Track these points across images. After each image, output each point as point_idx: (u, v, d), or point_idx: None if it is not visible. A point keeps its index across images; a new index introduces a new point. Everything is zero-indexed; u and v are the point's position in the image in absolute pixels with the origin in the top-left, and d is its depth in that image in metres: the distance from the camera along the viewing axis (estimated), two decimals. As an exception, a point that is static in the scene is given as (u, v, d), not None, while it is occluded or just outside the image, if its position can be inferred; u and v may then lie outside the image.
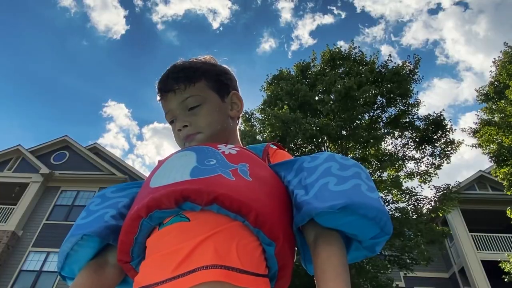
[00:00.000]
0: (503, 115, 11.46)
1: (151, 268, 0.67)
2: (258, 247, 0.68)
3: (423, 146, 11.70)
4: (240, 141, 1.02)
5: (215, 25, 41.25)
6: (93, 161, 16.08)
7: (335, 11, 35.55)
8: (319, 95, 11.80)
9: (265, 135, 10.96)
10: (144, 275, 0.67)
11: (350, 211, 0.66)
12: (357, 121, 11.35)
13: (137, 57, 38.93)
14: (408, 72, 11.88)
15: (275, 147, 0.98)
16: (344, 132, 11.26)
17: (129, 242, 0.73)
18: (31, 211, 14.51)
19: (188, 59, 1.00)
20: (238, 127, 1.05)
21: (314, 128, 10.33)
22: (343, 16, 35.27)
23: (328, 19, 35.69)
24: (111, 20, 41.88)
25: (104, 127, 46.46)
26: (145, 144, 56.19)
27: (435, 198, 11.04)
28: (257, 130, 11.60)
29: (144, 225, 0.72)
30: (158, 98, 0.97)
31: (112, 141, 51.52)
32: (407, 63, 12.03)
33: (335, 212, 0.66)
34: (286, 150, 1.02)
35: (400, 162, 11.44)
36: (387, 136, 11.89)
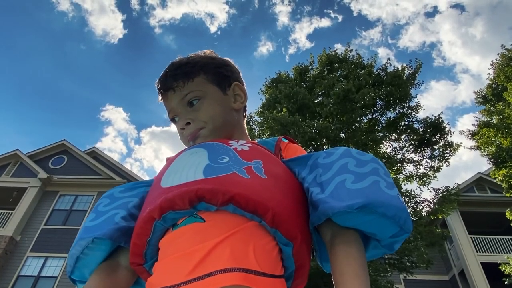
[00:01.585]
0: (501, 117, 11.48)
1: (165, 270, 0.65)
2: (274, 247, 0.66)
3: (422, 148, 11.72)
4: (248, 135, 0.99)
5: (213, 29, 41.33)
6: (91, 165, 16.03)
7: (332, 15, 35.72)
8: (318, 98, 11.83)
9: (264, 138, 10.96)
10: (158, 278, 0.66)
11: (368, 210, 0.64)
12: (356, 124, 11.36)
13: (134, 61, 38.95)
14: (408, 75, 11.91)
15: (286, 140, 0.95)
16: (343, 135, 11.26)
17: (142, 245, 0.71)
18: (29, 216, 14.42)
19: (187, 55, 0.97)
20: (245, 120, 1.02)
21: (313, 130, 10.34)
22: (340, 20, 35.44)
23: (325, 23, 35.82)
24: (108, 24, 41.93)
25: (102, 131, 46.37)
26: (143, 148, 56.13)
27: (434, 201, 11.04)
28: (255, 133, 11.59)
29: (157, 227, 0.70)
30: (159, 98, 0.94)
31: (110, 145, 51.45)
32: (407, 67, 12.07)
33: (353, 211, 0.63)
34: None
35: (399, 165, 11.45)
36: (386, 139, 11.91)
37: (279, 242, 0.67)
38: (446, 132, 11.43)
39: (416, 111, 11.85)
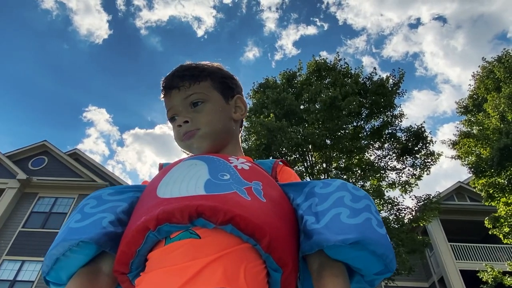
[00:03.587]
0: (481, 127, 11.81)
1: (153, 283, 0.63)
2: (262, 270, 0.67)
3: (404, 157, 11.94)
4: (242, 148, 1.02)
5: (200, 32, 41.18)
6: (72, 167, 15.69)
7: (318, 23, 36.03)
8: (305, 104, 11.92)
9: (250, 143, 10.96)
10: None
11: (360, 246, 0.65)
12: (341, 131, 11.48)
13: (119, 62, 38.45)
14: (392, 85, 12.14)
15: (281, 164, 0.97)
16: (328, 142, 11.37)
17: (131, 254, 0.69)
18: (6, 218, 13.98)
19: (189, 61, 0.99)
20: (240, 134, 1.05)
21: (299, 136, 10.39)
22: (326, 28, 35.85)
23: (311, 30, 36.19)
24: (93, 24, 41.20)
25: (84, 132, 45.47)
26: (126, 150, 55.14)
27: (416, 208, 11.23)
28: (242, 138, 11.59)
29: (149, 238, 0.68)
30: (162, 95, 0.95)
31: (91, 147, 50.50)
32: (391, 76, 12.30)
33: (346, 246, 0.64)
34: (272, 158, 1.01)
35: (382, 172, 11.61)
36: (370, 147, 12.09)
37: (269, 267, 0.67)
38: (428, 141, 11.69)
39: (399, 120, 12.09)
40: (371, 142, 12.15)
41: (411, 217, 11.20)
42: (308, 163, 11.68)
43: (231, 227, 0.65)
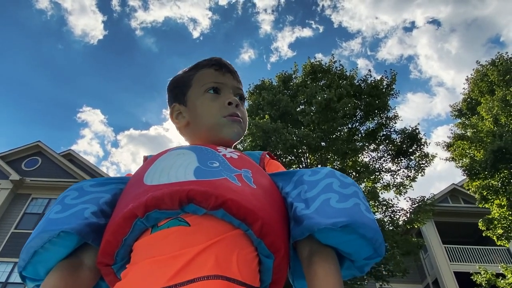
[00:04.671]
0: (475, 130, 11.89)
1: (142, 274, 0.61)
2: (255, 258, 0.66)
3: (399, 158, 11.99)
4: None
5: (195, 34, 41.05)
6: (66, 168, 15.59)
7: (314, 25, 36.16)
8: (300, 106, 11.95)
9: (245, 144, 10.95)
10: (133, 282, 0.61)
11: (350, 230, 0.65)
12: (336, 133, 11.52)
13: (114, 63, 38.21)
14: (385, 86, 12.21)
15: (268, 156, 0.98)
16: (323, 143, 11.39)
17: (117, 243, 0.66)
18: (-2, 219, 13.87)
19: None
20: None
21: (294, 138, 10.40)
22: (321, 30, 35.97)
23: (307, 32, 36.31)
24: (88, 24, 40.90)
25: (78, 133, 45.12)
26: (120, 152, 54.74)
27: (410, 210, 11.27)
28: (237, 139, 11.57)
29: (137, 226, 0.66)
30: (214, 68, 0.97)
31: (86, 148, 50.04)
32: (384, 78, 12.36)
33: (337, 229, 0.64)
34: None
35: (377, 174, 11.66)
36: (365, 149, 12.13)
37: (261, 254, 0.67)
38: (423, 143, 11.75)
39: (394, 122, 12.16)
40: (366, 144, 12.19)
41: (406, 219, 11.24)
42: (303, 165, 11.69)
43: (223, 212, 0.64)
